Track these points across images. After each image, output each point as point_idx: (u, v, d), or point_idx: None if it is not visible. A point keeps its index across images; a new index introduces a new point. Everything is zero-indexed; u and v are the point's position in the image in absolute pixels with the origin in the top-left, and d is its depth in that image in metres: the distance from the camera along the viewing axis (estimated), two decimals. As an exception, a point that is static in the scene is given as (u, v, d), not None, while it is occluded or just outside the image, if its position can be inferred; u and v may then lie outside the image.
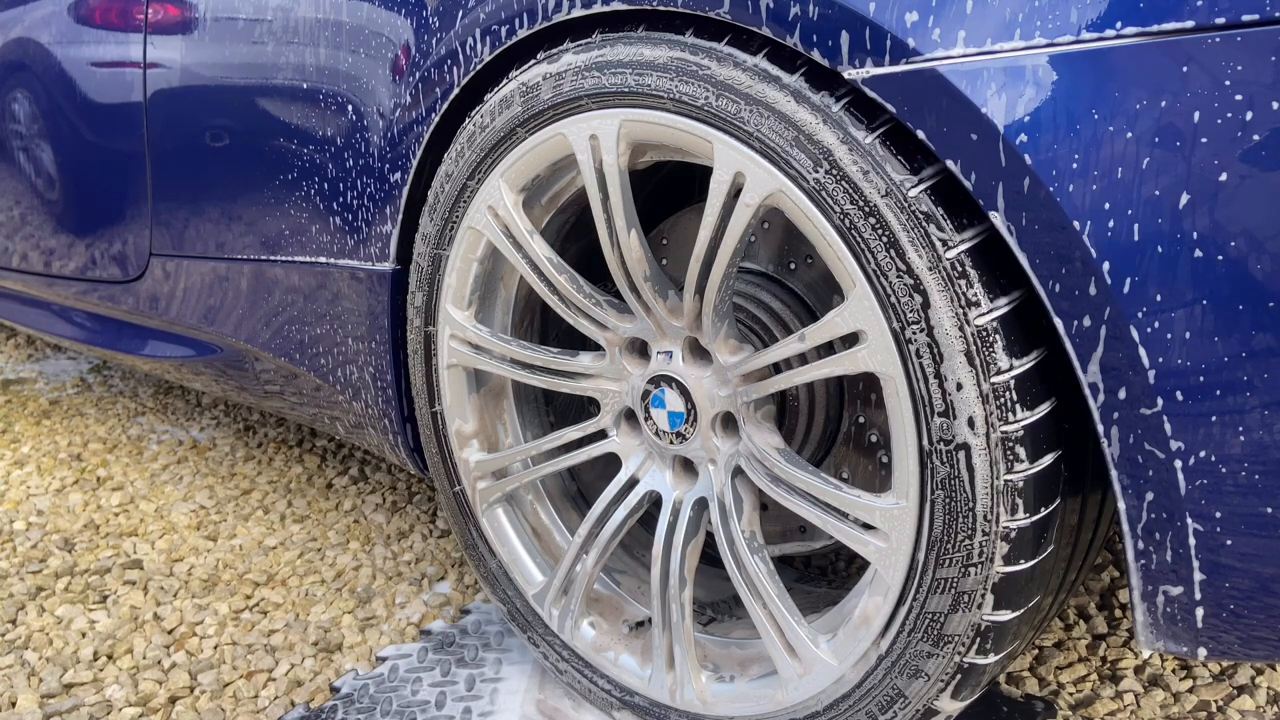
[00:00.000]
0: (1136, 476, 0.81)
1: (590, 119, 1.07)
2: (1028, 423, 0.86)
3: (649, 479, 1.23)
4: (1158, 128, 0.74)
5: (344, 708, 1.41)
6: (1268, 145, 0.71)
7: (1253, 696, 1.31)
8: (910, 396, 0.91)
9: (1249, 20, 0.70)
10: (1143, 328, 0.76)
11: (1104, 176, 0.75)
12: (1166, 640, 0.85)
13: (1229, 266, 0.73)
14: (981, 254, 0.85)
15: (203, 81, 1.65)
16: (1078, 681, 1.38)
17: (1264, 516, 0.77)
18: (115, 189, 1.85)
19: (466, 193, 1.22)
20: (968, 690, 0.99)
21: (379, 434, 1.54)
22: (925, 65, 0.81)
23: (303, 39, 1.45)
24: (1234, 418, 0.76)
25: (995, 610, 0.93)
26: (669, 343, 1.15)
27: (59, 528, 2.08)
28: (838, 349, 0.97)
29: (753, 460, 1.11)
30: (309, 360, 1.59)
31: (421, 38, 1.26)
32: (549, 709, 1.38)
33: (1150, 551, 0.83)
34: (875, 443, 1.18)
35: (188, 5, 1.68)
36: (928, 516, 0.94)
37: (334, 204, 1.43)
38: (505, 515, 1.38)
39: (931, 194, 0.86)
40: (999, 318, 0.85)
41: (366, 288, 1.42)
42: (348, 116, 1.39)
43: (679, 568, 1.18)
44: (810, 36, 0.87)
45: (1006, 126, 0.78)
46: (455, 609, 1.67)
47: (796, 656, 1.10)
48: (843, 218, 0.90)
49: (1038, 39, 0.77)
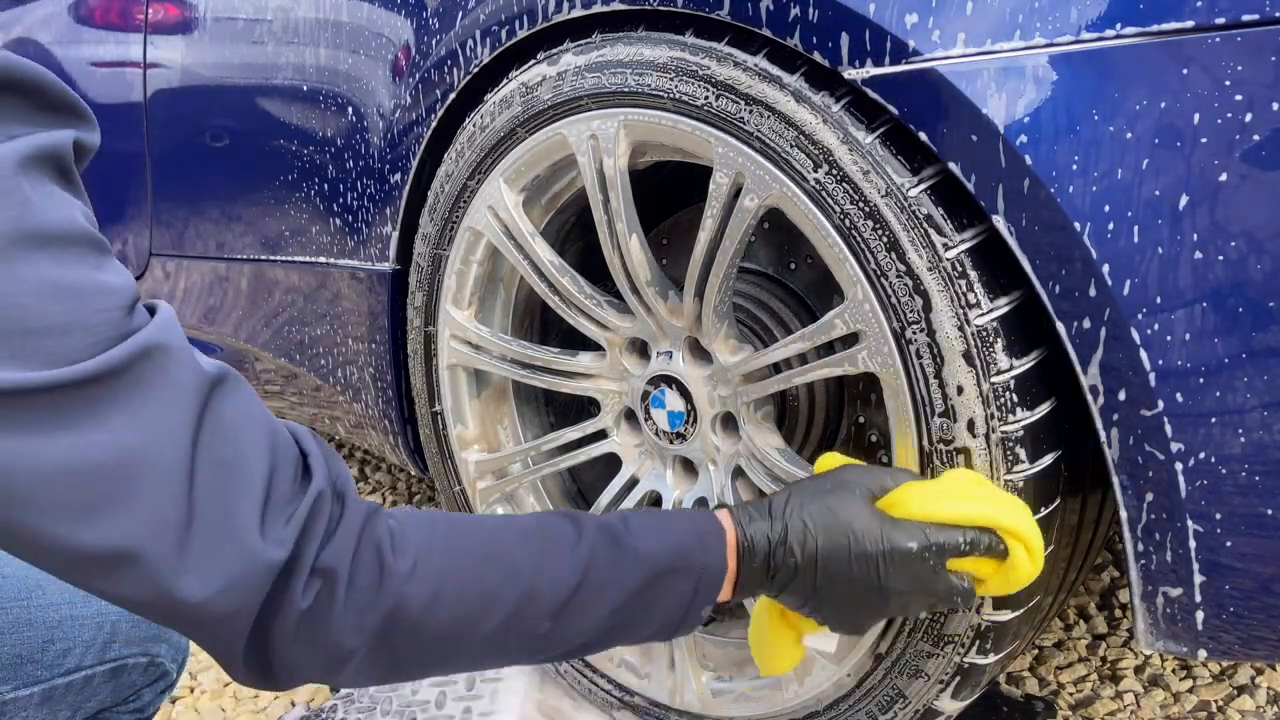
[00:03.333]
0: (1136, 477, 0.81)
1: (590, 119, 1.07)
2: (1028, 423, 0.86)
3: (649, 479, 1.23)
4: (1158, 128, 0.74)
5: (344, 707, 1.41)
6: (1268, 145, 0.71)
7: (1253, 696, 1.31)
8: (910, 397, 0.91)
9: (1249, 20, 0.70)
10: (1143, 329, 0.76)
11: (1104, 177, 0.75)
12: (1167, 641, 0.85)
13: (1229, 267, 0.73)
14: (982, 254, 0.85)
15: (203, 81, 1.65)
16: (1078, 681, 1.38)
17: (1264, 517, 0.77)
18: (115, 189, 1.85)
19: (466, 193, 1.22)
20: (968, 690, 0.99)
21: (379, 434, 1.54)
22: (925, 65, 0.81)
23: (303, 39, 1.45)
24: (1234, 419, 0.76)
25: (995, 610, 0.92)
26: (669, 343, 1.15)
27: (59, 528, 2.08)
28: (838, 349, 0.97)
29: (753, 460, 1.11)
30: (309, 360, 1.59)
31: (421, 38, 1.26)
32: (549, 709, 1.38)
33: (1150, 552, 0.83)
34: (875, 443, 1.17)
35: (188, 5, 1.68)
36: (928, 517, 0.94)
37: (334, 204, 1.43)
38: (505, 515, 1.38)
39: (931, 194, 0.86)
40: (999, 318, 0.85)
41: (366, 288, 1.42)
42: (348, 117, 1.39)
43: (679, 568, 1.18)
44: (810, 37, 0.87)
45: (1007, 127, 0.78)
46: (455, 609, 1.67)
47: (796, 657, 1.10)
48: (843, 218, 0.90)
49: (1038, 39, 0.77)
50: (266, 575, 0.63)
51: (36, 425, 0.56)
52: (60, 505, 0.57)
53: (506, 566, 0.73)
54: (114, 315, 0.61)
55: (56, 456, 0.57)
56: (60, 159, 0.62)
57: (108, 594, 0.61)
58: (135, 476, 0.59)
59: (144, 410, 0.59)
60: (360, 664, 0.68)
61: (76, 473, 0.57)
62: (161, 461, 0.59)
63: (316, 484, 0.66)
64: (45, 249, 0.59)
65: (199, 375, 0.63)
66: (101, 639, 1.00)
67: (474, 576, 0.71)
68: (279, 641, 0.65)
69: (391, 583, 0.67)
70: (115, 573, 0.59)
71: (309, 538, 0.65)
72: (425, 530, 0.72)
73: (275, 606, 0.64)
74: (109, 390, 0.58)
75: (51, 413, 0.57)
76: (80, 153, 0.65)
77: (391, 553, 0.68)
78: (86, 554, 0.58)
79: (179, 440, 0.60)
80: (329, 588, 0.65)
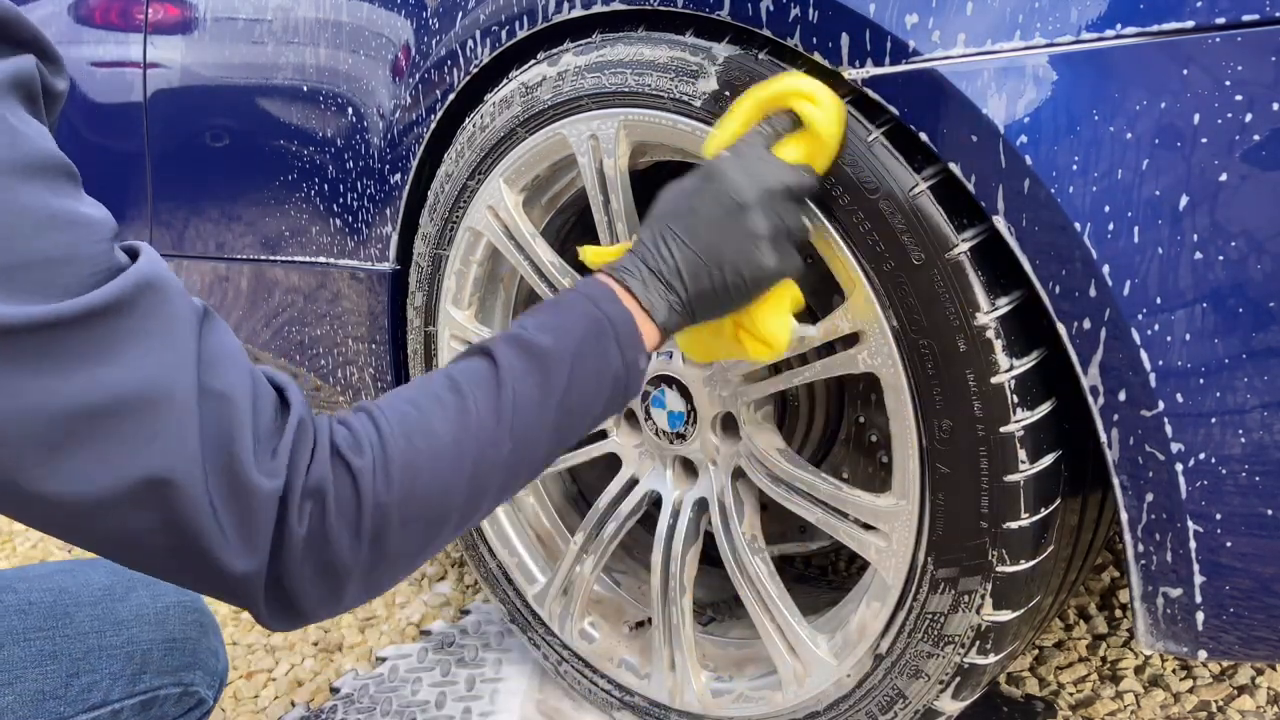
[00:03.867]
0: (1137, 478, 0.81)
1: (590, 119, 1.07)
2: (1028, 423, 0.86)
3: (649, 479, 1.23)
4: (1158, 128, 0.73)
5: (344, 708, 1.41)
6: (1268, 145, 0.71)
7: (1253, 696, 1.31)
8: (911, 397, 0.91)
9: (1249, 20, 0.70)
10: (1143, 329, 0.76)
11: (1104, 177, 0.75)
12: (1167, 641, 0.85)
13: (1229, 268, 0.73)
14: (982, 254, 0.85)
15: (203, 81, 1.65)
16: (1078, 681, 1.38)
17: (1264, 517, 0.77)
18: (115, 189, 1.85)
19: (466, 193, 1.22)
20: (968, 690, 0.99)
21: (379, 434, 1.54)
22: (925, 65, 0.81)
23: (303, 39, 1.45)
24: (1234, 419, 0.76)
25: (995, 610, 0.92)
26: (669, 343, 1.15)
27: (59, 528, 2.08)
28: (838, 349, 0.97)
29: (753, 460, 1.11)
30: (309, 360, 1.59)
31: (421, 38, 1.26)
32: (549, 709, 1.38)
33: (1150, 553, 0.83)
34: (875, 443, 1.18)
35: (188, 5, 1.68)
36: (928, 517, 0.94)
37: (334, 204, 1.43)
38: (505, 516, 1.38)
39: (932, 194, 0.86)
40: (999, 318, 0.85)
41: (366, 288, 1.42)
42: (348, 117, 1.39)
43: (679, 574, 1.18)
44: (810, 37, 0.87)
45: (1007, 127, 0.78)
46: (455, 609, 1.67)
47: (797, 657, 1.10)
48: (844, 217, 0.90)
49: (1038, 39, 0.77)
50: (269, 508, 0.63)
51: (49, 362, 0.56)
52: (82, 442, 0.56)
53: (451, 413, 0.72)
54: (105, 247, 0.60)
55: (74, 392, 0.56)
56: (28, 86, 0.61)
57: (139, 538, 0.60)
58: (156, 408, 0.58)
59: (153, 342, 0.59)
60: (367, 574, 0.68)
61: (100, 407, 0.57)
62: (178, 392, 0.59)
63: (296, 412, 0.66)
64: (39, 178, 0.58)
65: (193, 308, 0.63)
66: (131, 670, 0.95)
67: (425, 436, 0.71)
68: (291, 570, 0.65)
69: (363, 480, 0.67)
70: (147, 506, 0.59)
71: (296, 467, 0.65)
72: (365, 420, 0.71)
73: (280, 538, 0.64)
74: (119, 322, 0.58)
75: (61, 348, 0.56)
76: (50, 98, 0.64)
77: (353, 452, 0.68)
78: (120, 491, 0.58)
79: (188, 371, 0.60)
80: (319, 508, 0.65)
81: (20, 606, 0.93)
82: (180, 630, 0.99)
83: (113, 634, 0.95)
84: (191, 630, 1.00)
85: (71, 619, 0.93)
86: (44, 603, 0.94)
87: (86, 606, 0.93)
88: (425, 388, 0.74)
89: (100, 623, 0.94)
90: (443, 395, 0.73)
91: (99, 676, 0.93)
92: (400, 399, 0.73)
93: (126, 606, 0.97)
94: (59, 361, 0.56)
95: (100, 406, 0.57)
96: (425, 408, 0.72)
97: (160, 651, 0.97)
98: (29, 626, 0.92)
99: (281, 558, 0.64)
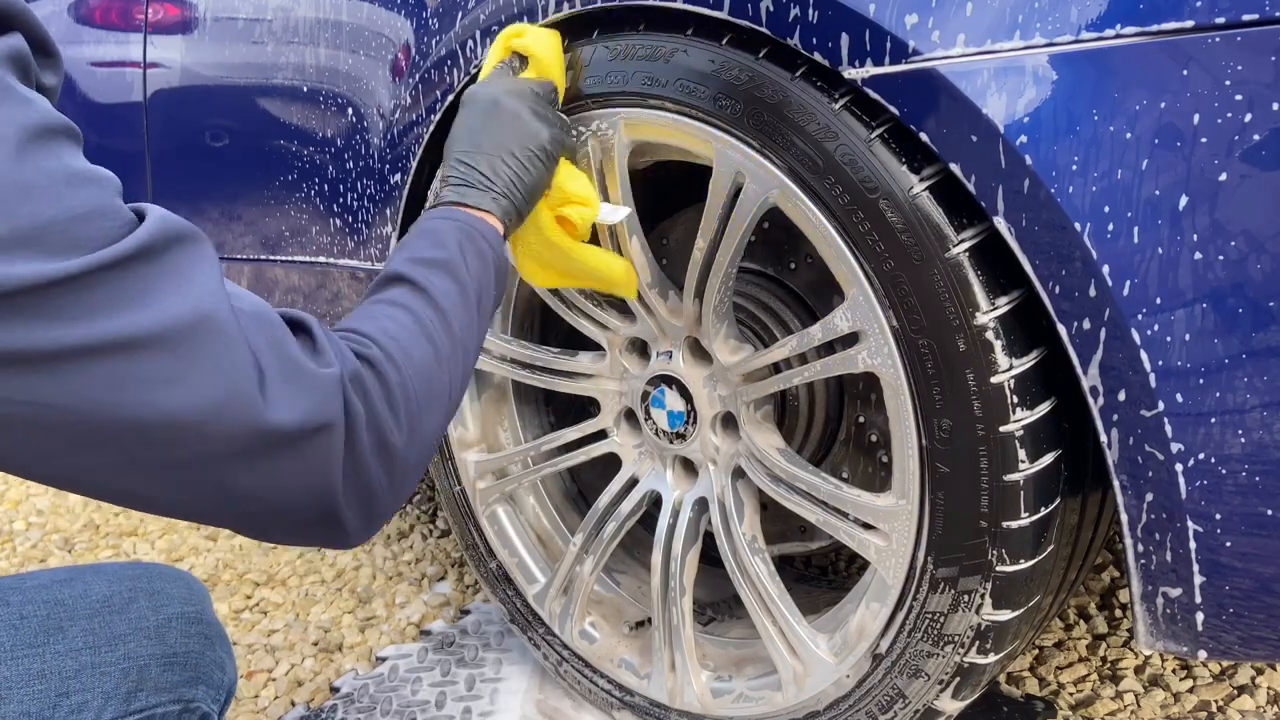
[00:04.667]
0: (1136, 478, 0.81)
1: (590, 118, 1.07)
2: (1027, 423, 0.86)
3: (649, 479, 1.23)
4: (1158, 128, 0.74)
5: (344, 707, 1.41)
6: (1268, 145, 0.71)
7: (1253, 696, 1.31)
8: (911, 396, 0.91)
9: (1249, 20, 0.70)
10: (1143, 329, 0.76)
11: (1104, 177, 0.75)
12: (1166, 641, 0.85)
13: (1229, 268, 0.73)
14: (982, 254, 0.85)
15: (203, 81, 1.65)
16: (1078, 681, 1.38)
17: (1264, 517, 0.77)
18: (115, 189, 1.84)
19: (466, 193, 1.22)
20: (968, 690, 0.99)
21: (379, 434, 1.54)
22: (925, 65, 0.81)
23: (302, 39, 1.45)
24: (1234, 419, 0.76)
25: (995, 610, 0.92)
26: (669, 343, 1.15)
27: (59, 528, 2.08)
28: (838, 349, 0.97)
29: (753, 460, 1.11)
30: (309, 360, 1.59)
31: (421, 38, 1.26)
32: (549, 709, 1.38)
33: (1150, 552, 0.83)
34: (875, 443, 1.18)
35: (188, 5, 1.68)
36: (928, 516, 0.94)
37: (334, 204, 1.43)
38: (505, 515, 1.38)
39: (932, 194, 0.86)
40: (999, 318, 0.85)
41: (366, 288, 1.42)
42: (347, 117, 1.39)
43: (679, 574, 1.18)
44: (810, 37, 0.87)
45: (1007, 126, 0.78)
46: (455, 609, 1.67)
47: (797, 657, 1.10)
48: (843, 217, 0.90)
49: (1037, 39, 0.77)
50: (335, 388, 0.68)
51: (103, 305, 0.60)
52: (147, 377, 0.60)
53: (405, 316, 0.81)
54: (120, 202, 0.65)
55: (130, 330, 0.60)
56: (21, 60, 0.64)
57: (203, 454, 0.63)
58: (205, 334, 0.63)
59: (188, 278, 0.64)
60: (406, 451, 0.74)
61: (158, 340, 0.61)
62: (220, 318, 0.64)
63: (309, 319, 0.72)
64: (54, 140, 0.63)
65: (211, 248, 0.69)
66: (126, 688, 0.89)
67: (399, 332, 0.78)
68: (359, 450, 0.70)
69: (381, 366, 0.74)
70: (210, 426, 0.63)
71: (342, 355, 0.71)
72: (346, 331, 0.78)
73: (350, 417, 0.69)
74: (152, 265, 0.62)
75: (106, 293, 0.60)
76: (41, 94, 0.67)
77: (361, 347, 0.75)
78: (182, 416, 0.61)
79: (222, 300, 0.65)
80: (361, 390, 0.71)
81: (12, 621, 0.88)
82: (181, 644, 0.94)
83: (107, 650, 0.90)
84: (194, 643, 0.95)
85: (65, 634, 0.89)
86: (37, 616, 0.90)
87: (82, 620, 0.90)
88: (369, 309, 0.82)
89: (95, 638, 0.90)
90: (390, 310, 0.81)
91: (90, 696, 0.88)
92: (357, 319, 0.80)
93: (125, 619, 0.93)
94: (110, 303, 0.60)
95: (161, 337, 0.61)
96: (380, 316, 0.80)
97: (159, 667, 0.92)
98: (19, 643, 0.88)
99: (352, 442, 0.69)
